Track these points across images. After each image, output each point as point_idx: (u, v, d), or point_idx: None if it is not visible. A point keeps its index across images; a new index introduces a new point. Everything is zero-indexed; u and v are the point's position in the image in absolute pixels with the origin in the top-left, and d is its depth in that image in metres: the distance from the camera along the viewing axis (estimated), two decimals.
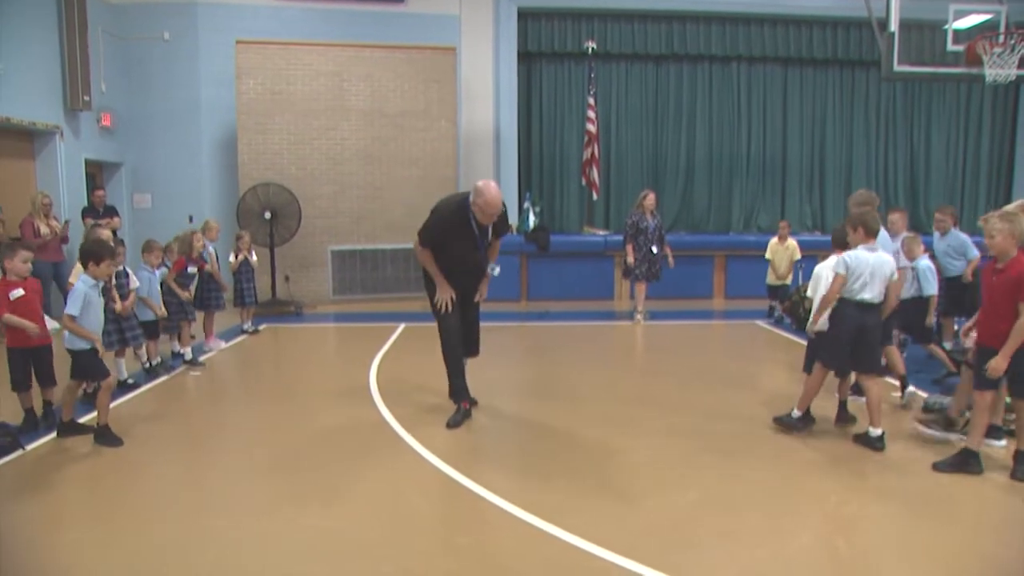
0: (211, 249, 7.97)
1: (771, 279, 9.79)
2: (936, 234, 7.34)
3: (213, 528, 3.70)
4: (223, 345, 8.15)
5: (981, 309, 4.55)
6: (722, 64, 13.55)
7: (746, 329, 9.39)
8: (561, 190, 13.36)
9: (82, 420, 5.18)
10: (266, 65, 10.98)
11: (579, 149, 12.88)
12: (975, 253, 6.98)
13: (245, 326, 8.94)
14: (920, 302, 6.32)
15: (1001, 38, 8.57)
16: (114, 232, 9.69)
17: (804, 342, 5.70)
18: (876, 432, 4.77)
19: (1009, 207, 4.62)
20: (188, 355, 7.23)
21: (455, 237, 5.22)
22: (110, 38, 11.21)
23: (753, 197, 13.79)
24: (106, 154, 11.31)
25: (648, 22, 13.04)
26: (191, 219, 11.10)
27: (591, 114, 12.33)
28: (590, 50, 12.41)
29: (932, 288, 6.29)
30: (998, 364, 4.16)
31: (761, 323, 9.61)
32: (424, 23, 12.05)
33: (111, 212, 10.01)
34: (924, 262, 6.33)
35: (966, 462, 4.34)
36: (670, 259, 9.72)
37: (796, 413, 5.16)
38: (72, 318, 4.88)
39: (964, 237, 7.10)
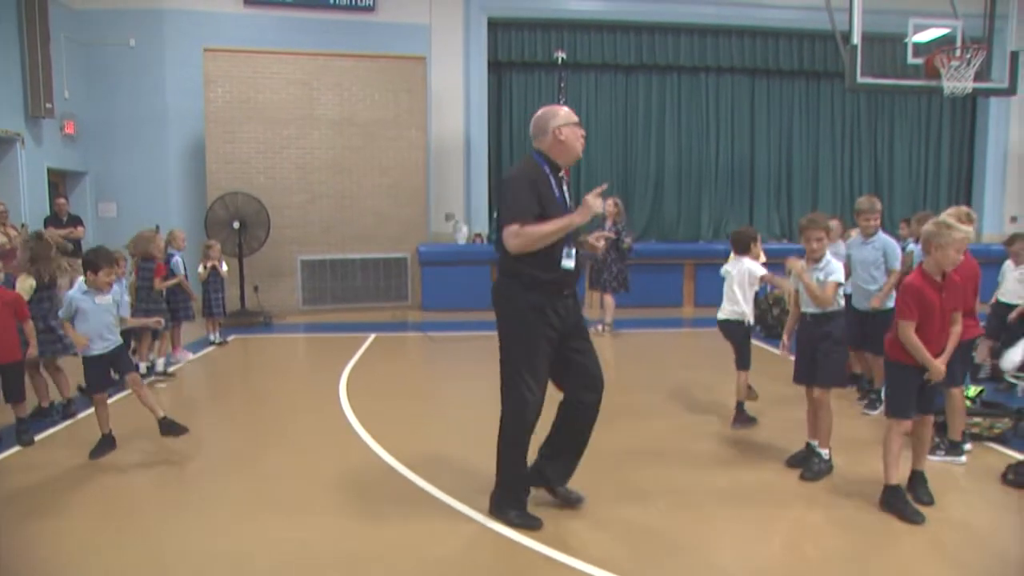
0: (179, 258, 7.87)
1: None
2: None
3: (185, 543, 3.65)
4: (190, 357, 8.03)
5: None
6: (691, 75, 13.72)
7: (715, 337, 9.39)
8: None
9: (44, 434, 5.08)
10: (234, 73, 10.89)
11: None
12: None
13: (213, 337, 8.83)
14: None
15: (958, 52, 8.78)
16: (78, 242, 9.57)
17: (775, 350, 5.76)
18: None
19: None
20: (160, 366, 7.15)
21: (550, 208, 3.63)
22: (74, 44, 11.05)
23: (722, 206, 13.96)
24: (69, 162, 11.12)
25: (617, 33, 13.16)
26: (158, 228, 10.92)
27: None
28: (560, 60, 12.47)
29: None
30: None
31: None
32: (394, 32, 12.04)
33: (75, 221, 9.85)
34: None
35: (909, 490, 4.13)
36: (627, 242, 9.33)
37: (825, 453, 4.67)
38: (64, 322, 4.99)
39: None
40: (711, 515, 3.99)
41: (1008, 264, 6.62)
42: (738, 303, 5.70)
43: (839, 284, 4.56)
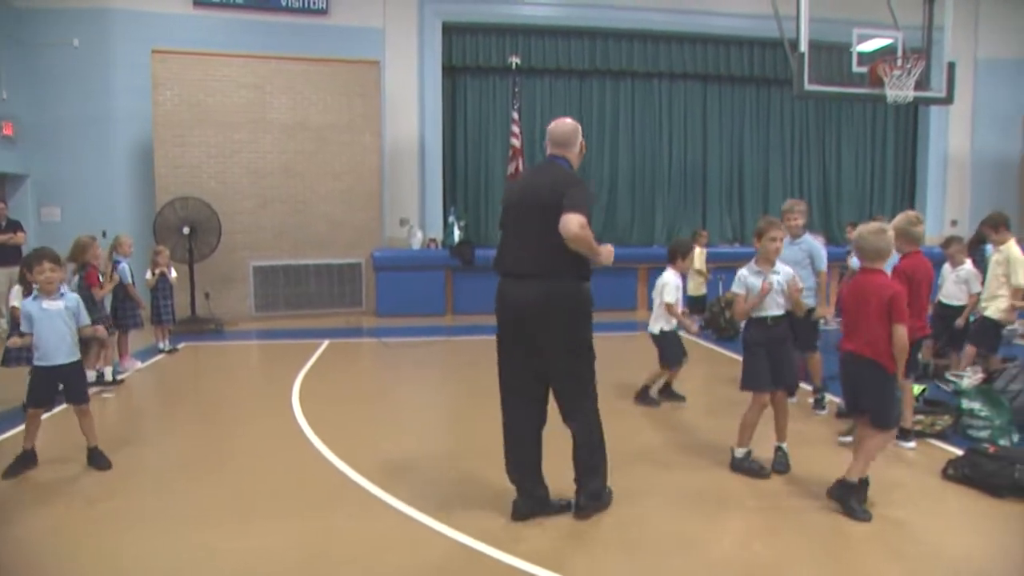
0: (125, 265, 7.69)
1: (692, 290, 9.99)
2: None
3: (144, 553, 3.57)
4: (139, 365, 7.85)
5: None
6: (644, 80, 13.86)
7: None
8: (486, 204, 13.39)
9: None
10: (184, 76, 10.70)
11: (503, 163, 12.95)
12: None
13: (162, 345, 8.65)
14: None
15: (899, 62, 9.03)
16: (19, 248, 9.28)
17: (728, 353, 5.85)
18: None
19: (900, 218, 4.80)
20: (108, 375, 6.95)
21: None
22: (13, 43, 10.73)
23: (675, 210, 14.13)
24: (8, 165, 10.78)
25: (572, 38, 13.25)
26: (104, 234, 10.68)
27: (515, 128, 12.42)
28: (514, 65, 12.53)
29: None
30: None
31: (683, 334, 9.81)
32: (348, 36, 11.95)
33: (15, 226, 9.52)
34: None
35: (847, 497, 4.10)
36: None
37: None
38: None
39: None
40: (663, 515, 4.03)
41: (947, 267, 6.83)
42: (656, 314, 6.25)
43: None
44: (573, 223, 3.52)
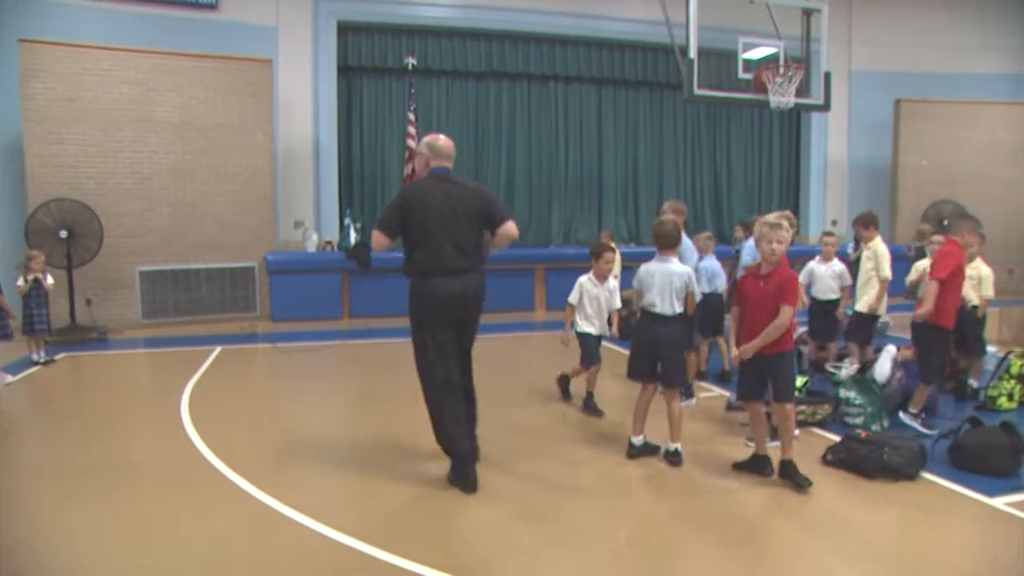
0: None
1: None
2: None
3: None
4: (9, 379, 7.34)
5: (744, 317, 4.57)
6: (540, 83, 14.04)
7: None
8: (382, 206, 13.17)
9: None
10: (57, 69, 10.06)
11: (400, 165, 12.83)
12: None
13: (36, 356, 8.12)
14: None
15: (781, 70, 9.49)
16: None
17: (624, 351, 5.99)
18: (673, 446, 4.85)
19: (770, 216, 4.53)
20: None
21: None
22: None
23: (572, 211, 14.36)
24: None
25: (468, 40, 13.28)
26: None
27: (411, 130, 12.30)
28: (410, 66, 12.44)
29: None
30: (745, 351, 4.43)
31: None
32: (238, 33, 11.56)
33: None
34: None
35: (760, 465, 4.62)
36: None
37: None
38: None
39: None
40: (559, 511, 4.09)
41: (815, 265, 7.11)
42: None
43: None
44: (515, 228, 4.56)
